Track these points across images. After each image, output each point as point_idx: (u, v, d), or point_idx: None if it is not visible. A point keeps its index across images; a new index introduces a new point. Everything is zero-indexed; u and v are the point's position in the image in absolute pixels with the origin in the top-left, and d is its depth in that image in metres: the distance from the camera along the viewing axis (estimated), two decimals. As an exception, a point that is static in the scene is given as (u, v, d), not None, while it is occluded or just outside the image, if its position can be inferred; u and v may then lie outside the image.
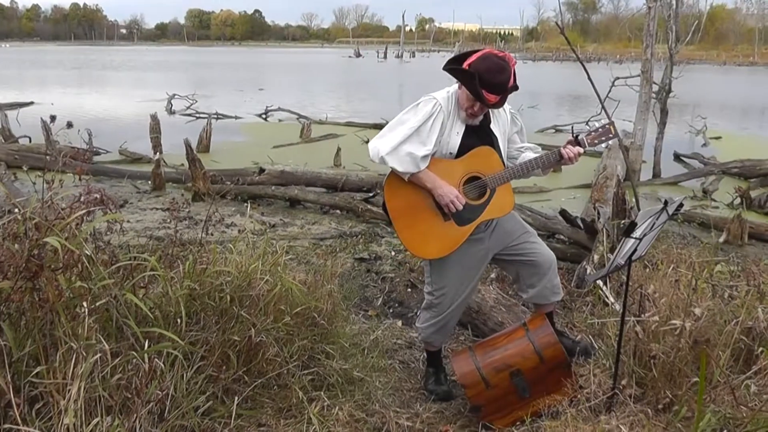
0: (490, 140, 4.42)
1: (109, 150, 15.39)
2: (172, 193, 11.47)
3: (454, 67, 4.22)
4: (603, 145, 4.53)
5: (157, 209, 10.32)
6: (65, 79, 44.68)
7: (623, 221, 6.65)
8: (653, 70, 13.70)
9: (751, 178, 13.93)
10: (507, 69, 4.13)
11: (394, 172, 4.31)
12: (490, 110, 4.40)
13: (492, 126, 4.45)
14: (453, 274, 4.53)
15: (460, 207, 4.29)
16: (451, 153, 4.34)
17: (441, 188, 4.28)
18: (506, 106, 4.52)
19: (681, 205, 4.05)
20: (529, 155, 4.60)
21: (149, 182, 12.17)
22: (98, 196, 3.40)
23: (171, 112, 25.06)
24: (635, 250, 3.89)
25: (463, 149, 4.34)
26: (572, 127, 4.68)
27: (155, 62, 70.59)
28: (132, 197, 11.14)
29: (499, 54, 4.20)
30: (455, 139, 4.32)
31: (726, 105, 34.04)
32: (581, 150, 4.40)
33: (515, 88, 4.22)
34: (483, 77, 4.08)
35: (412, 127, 4.21)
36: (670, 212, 3.92)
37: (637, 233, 3.81)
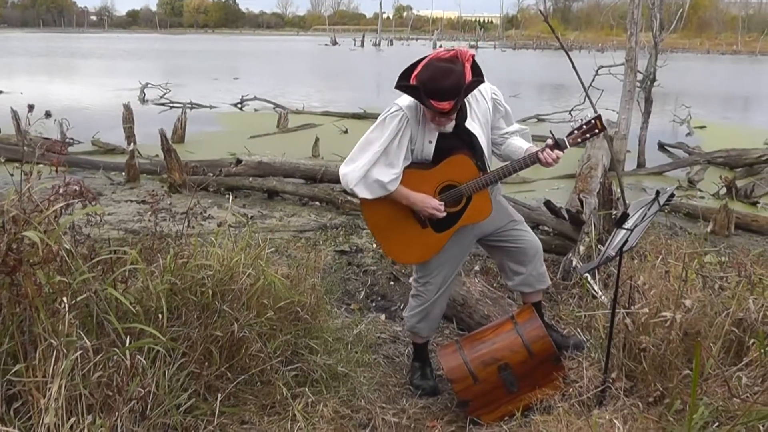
0: (469, 140, 4.37)
1: (81, 141, 15.23)
2: (147, 185, 11.39)
3: (402, 84, 4.11)
4: (588, 142, 4.50)
5: (131, 201, 10.25)
6: (34, 67, 44.24)
7: (613, 212, 6.66)
8: (637, 59, 13.76)
9: (736, 167, 14.02)
10: (454, 70, 4.00)
11: None
12: (466, 103, 4.32)
13: (468, 123, 4.36)
14: (439, 262, 4.56)
15: (442, 215, 4.34)
16: (426, 159, 4.34)
17: (416, 204, 4.33)
18: (488, 91, 4.47)
19: (672, 195, 4.06)
20: (515, 141, 4.59)
21: (123, 174, 12.05)
22: (77, 188, 3.36)
23: (144, 101, 24.88)
24: (626, 241, 3.90)
25: (439, 154, 4.32)
26: (550, 130, 4.64)
27: (127, 50, 70.01)
28: (106, 189, 11.05)
29: (444, 57, 4.08)
30: (429, 147, 4.30)
31: (710, 94, 34.22)
32: (560, 154, 4.37)
33: (477, 83, 4.12)
34: (427, 87, 3.98)
35: (378, 151, 4.20)
36: (662, 202, 3.94)
37: (629, 224, 3.82)
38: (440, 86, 3.96)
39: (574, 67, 7.76)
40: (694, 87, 36.43)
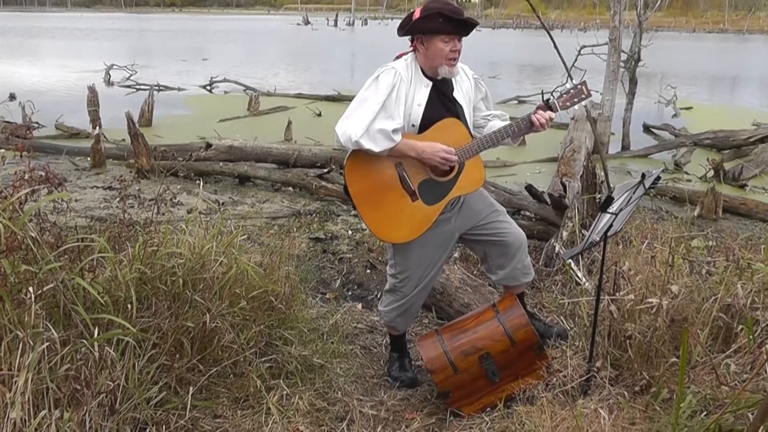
0: (455, 109, 4.38)
1: (44, 124, 15.07)
2: (113, 171, 11.32)
3: (410, 26, 4.24)
4: (576, 107, 4.51)
5: (97, 188, 10.17)
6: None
7: (598, 196, 6.68)
8: (622, 38, 13.79)
9: (724, 149, 14.08)
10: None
11: (353, 155, 4.24)
12: (452, 78, 4.38)
13: (455, 94, 4.41)
14: (418, 257, 4.48)
15: (455, 159, 4.25)
16: (413, 125, 4.27)
17: (425, 151, 4.21)
18: (468, 71, 4.52)
19: (658, 178, 4.08)
20: (497, 123, 4.58)
21: (88, 159, 11.95)
22: (43, 174, 3.35)
23: (109, 83, 24.67)
24: (611, 225, 3.92)
25: (426, 120, 4.27)
26: (542, 91, 4.67)
27: (91, 29, 69.40)
28: (71, 175, 10.94)
29: None
30: (417, 111, 4.26)
31: (696, 74, 34.36)
32: (553, 115, 4.40)
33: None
34: (445, 9, 4.13)
35: (378, 102, 4.13)
36: (647, 185, 3.96)
37: (614, 208, 3.84)
38: (457, 8, 4.15)
39: (555, 47, 7.77)
40: (680, 67, 36.59)
